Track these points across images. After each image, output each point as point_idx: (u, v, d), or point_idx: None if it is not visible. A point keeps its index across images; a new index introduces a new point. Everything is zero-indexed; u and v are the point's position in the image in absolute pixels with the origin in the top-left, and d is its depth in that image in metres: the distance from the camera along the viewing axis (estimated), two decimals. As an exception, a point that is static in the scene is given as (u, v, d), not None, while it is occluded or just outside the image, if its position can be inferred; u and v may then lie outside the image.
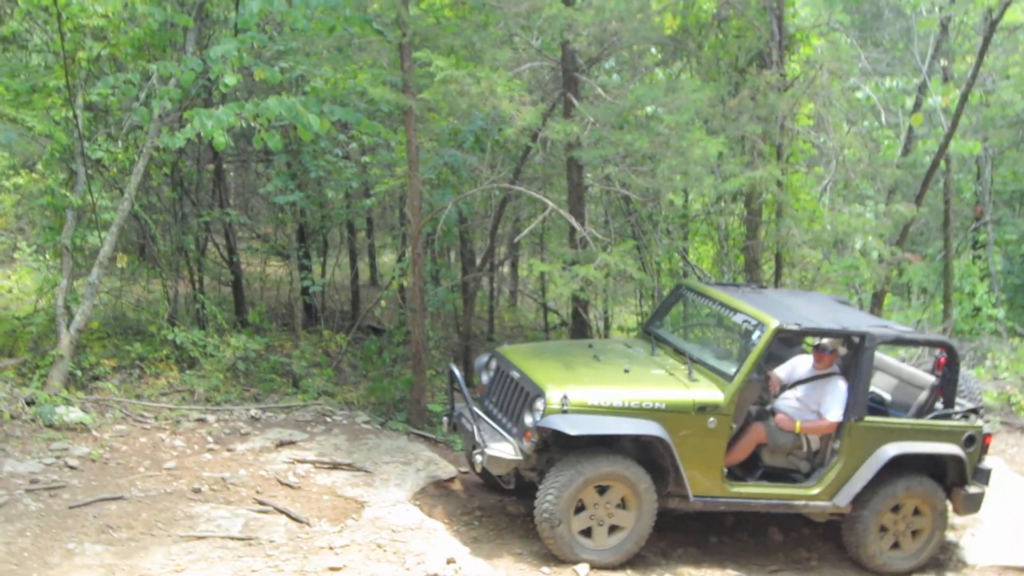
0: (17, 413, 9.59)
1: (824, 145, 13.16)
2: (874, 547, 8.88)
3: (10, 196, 16.16)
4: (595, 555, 8.06)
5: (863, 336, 8.71)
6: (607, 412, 8.03)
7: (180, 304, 12.98)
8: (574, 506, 7.92)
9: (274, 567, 6.95)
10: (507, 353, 9.12)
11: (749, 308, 8.86)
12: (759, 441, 8.82)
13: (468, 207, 13.58)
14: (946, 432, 8.95)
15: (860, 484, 8.67)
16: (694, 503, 8.38)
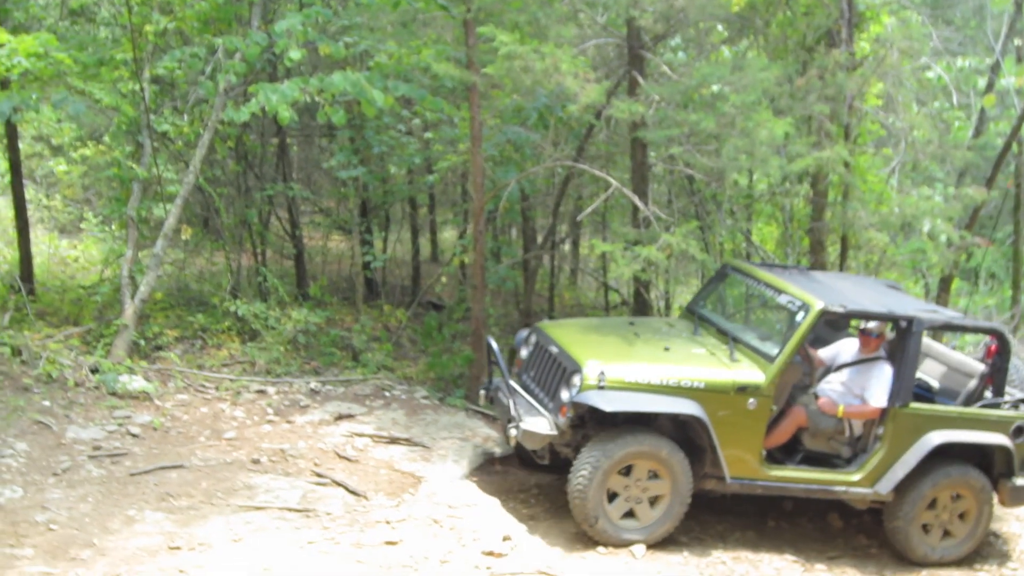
0: (81, 380, 9.72)
1: (893, 126, 12.92)
2: (916, 537, 8.66)
3: (77, 167, 16.38)
4: (623, 532, 7.93)
5: (910, 320, 8.47)
6: (645, 389, 7.91)
7: (242, 276, 13.09)
8: (607, 486, 7.82)
9: (331, 539, 6.98)
10: (546, 328, 9.04)
11: (794, 289, 8.66)
12: (800, 424, 8.64)
13: (530, 184, 13.53)
14: (994, 421, 8.67)
15: (903, 472, 8.45)
16: (731, 485, 8.24)
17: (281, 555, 6.66)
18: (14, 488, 7.58)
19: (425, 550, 6.79)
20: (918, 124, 12.75)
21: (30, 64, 10.52)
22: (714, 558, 8.19)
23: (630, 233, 10.56)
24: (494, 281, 12.93)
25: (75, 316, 12.03)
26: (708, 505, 8.90)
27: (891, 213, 12.08)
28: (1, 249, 15.29)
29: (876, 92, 12.97)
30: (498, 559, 6.67)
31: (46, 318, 11.83)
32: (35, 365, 9.74)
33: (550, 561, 6.77)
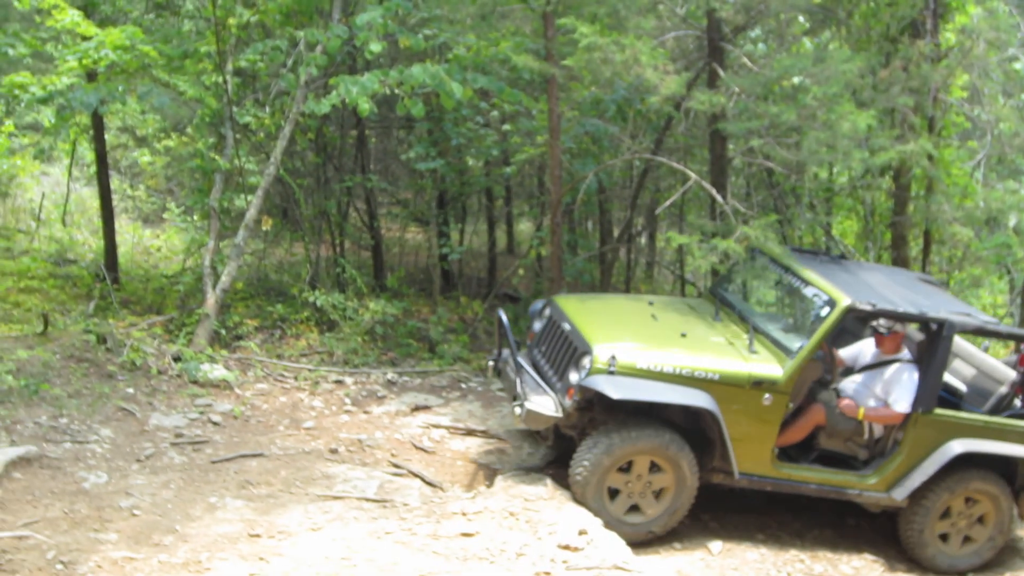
0: (164, 368, 9.88)
1: (978, 118, 12.68)
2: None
3: (161, 158, 16.65)
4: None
5: (941, 324, 8.11)
6: (656, 377, 7.68)
7: (321, 267, 13.20)
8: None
9: (407, 530, 7.02)
10: (562, 302, 8.84)
11: (822, 283, 8.35)
12: (818, 423, 8.40)
13: (608, 177, 13.48)
14: (1021, 433, 8.38)
15: (920, 479, 8.19)
16: (739, 480, 8.03)
17: (359, 544, 6.71)
18: (99, 474, 7.73)
19: (501, 542, 6.80)
20: (1004, 116, 12.49)
21: (116, 57, 10.74)
22: (791, 556, 8.12)
23: (707, 226, 10.46)
24: (571, 273, 12.90)
25: (158, 305, 12.24)
26: (785, 503, 8.83)
27: (976, 207, 11.86)
28: (87, 238, 15.60)
29: (961, 84, 12.72)
30: (574, 553, 6.65)
31: (130, 307, 12.06)
32: (119, 353, 9.92)
33: (626, 556, 6.74)
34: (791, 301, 9.10)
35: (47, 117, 12.88)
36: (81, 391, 9.11)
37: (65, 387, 9.10)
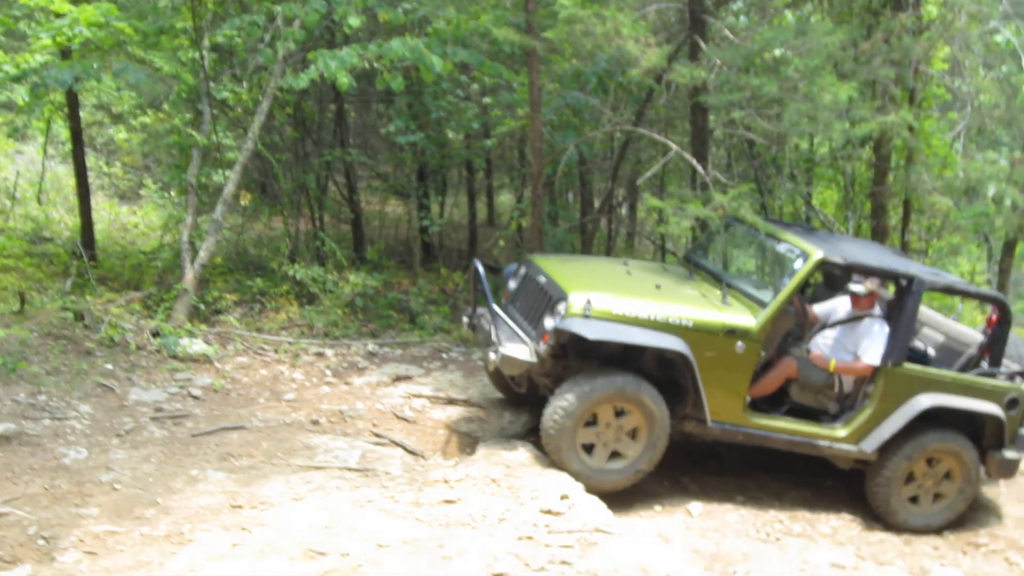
0: (143, 344, 9.84)
1: (959, 90, 12.69)
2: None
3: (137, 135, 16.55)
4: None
5: (911, 279, 8.26)
6: (631, 323, 7.68)
7: (300, 241, 13.17)
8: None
9: (390, 498, 7.01)
10: (537, 260, 8.84)
11: (794, 239, 8.49)
12: (789, 376, 8.45)
13: (589, 149, 13.47)
14: (988, 390, 8.48)
15: (889, 431, 8.28)
16: (711, 429, 8.07)
17: (341, 514, 6.70)
18: (79, 449, 7.70)
19: (483, 509, 6.80)
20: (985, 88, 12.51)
21: (91, 34, 10.65)
22: (770, 516, 8.19)
23: (687, 195, 10.46)
24: (551, 244, 12.91)
25: (136, 281, 12.19)
26: (764, 464, 8.87)
27: (955, 177, 11.87)
28: (63, 216, 15.50)
29: (942, 56, 12.76)
30: (556, 517, 6.66)
31: (107, 283, 12.00)
32: (97, 329, 9.88)
33: (607, 519, 6.75)
34: (765, 260, 9.21)
35: (21, 95, 12.76)
36: (59, 368, 9.07)
37: (43, 364, 9.06)
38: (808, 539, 7.92)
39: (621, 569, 5.99)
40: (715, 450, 9.09)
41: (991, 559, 8.36)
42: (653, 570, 6.05)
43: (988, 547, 8.53)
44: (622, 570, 5.98)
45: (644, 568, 6.04)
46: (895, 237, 13.35)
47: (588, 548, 6.24)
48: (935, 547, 8.37)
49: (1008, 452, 8.66)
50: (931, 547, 8.34)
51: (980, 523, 8.87)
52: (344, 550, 6.12)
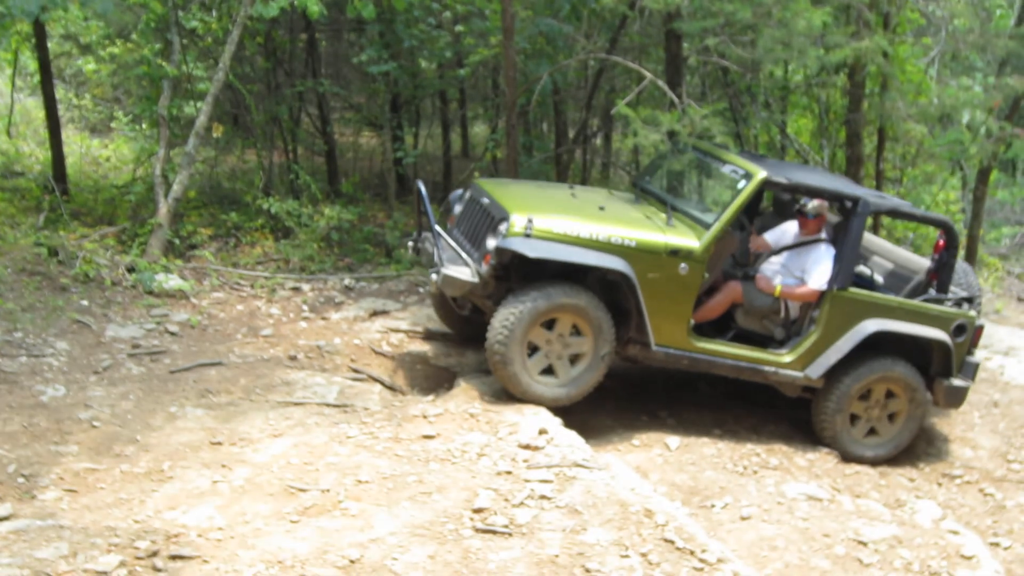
0: (118, 280, 9.80)
1: (933, 15, 12.63)
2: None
3: (106, 66, 16.30)
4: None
5: (856, 201, 8.30)
6: (573, 243, 7.67)
7: (274, 174, 13.07)
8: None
9: (369, 434, 7.05)
10: (482, 183, 8.81)
11: (740, 160, 8.51)
12: (734, 300, 8.53)
13: (563, 78, 13.38)
14: (935, 316, 8.53)
15: (835, 357, 8.33)
16: (655, 353, 8.08)
17: (320, 449, 6.74)
18: (56, 387, 7.69)
19: (462, 444, 6.86)
20: (959, 12, 12.45)
21: (56, -39, 10.43)
22: (747, 450, 8.26)
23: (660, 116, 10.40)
24: (527, 175, 12.84)
25: (109, 216, 12.10)
26: (742, 398, 8.95)
27: (930, 104, 11.87)
28: (33, 150, 15.33)
29: (917, -20, 12.67)
30: (535, 452, 6.72)
31: (80, 218, 11.91)
32: (72, 265, 9.82)
33: (586, 454, 6.82)
34: (710, 182, 9.17)
35: (-14, 27, 12.58)
36: (34, 305, 9.02)
37: (18, 301, 9.01)
38: (785, 472, 8.01)
39: (600, 504, 6.07)
40: (694, 384, 9.16)
41: (966, 491, 8.51)
42: (631, 504, 6.13)
43: (963, 479, 8.68)
44: (601, 505, 6.06)
45: (622, 502, 6.12)
46: (869, 166, 13.36)
47: (567, 483, 6.30)
48: (911, 479, 8.49)
49: (956, 380, 8.71)
50: (907, 479, 8.47)
51: (955, 455, 9.00)
52: (323, 486, 6.18)
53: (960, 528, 7.51)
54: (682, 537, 5.87)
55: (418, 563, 5.31)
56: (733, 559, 5.86)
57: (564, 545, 5.59)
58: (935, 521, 7.55)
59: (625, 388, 9.20)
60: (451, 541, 5.57)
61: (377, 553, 5.37)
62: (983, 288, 9.66)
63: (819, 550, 6.72)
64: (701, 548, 5.80)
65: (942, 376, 8.71)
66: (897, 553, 6.89)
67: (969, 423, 9.50)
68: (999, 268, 15.24)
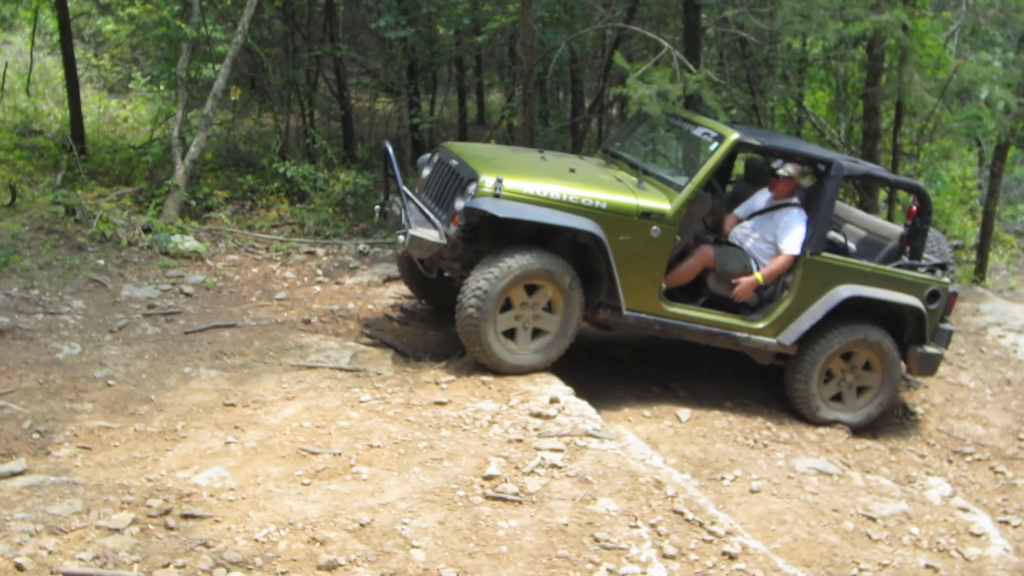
0: (134, 240, 9.85)
1: (953, -12, 12.56)
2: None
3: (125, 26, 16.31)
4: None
5: (829, 163, 8.20)
6: (542, 204, 7.52)
7: (291, 138, 13.09)
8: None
9: (381, 399, 7.08)
10: (451, 146, 8.66)
11: (711, 123, 8.39)
12: (706, 265, 8.35)
13: (580, 47, 13.33)
14: (908, 282, 8.38)
15: (808, 323, 8.20)
16: (627, 318, 7.94)
17: (332, 413, 6.77)
18: (72, 345, 7.74)
19: (473, 411, 6.88)
20: (979, -14, 12.36)
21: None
22: (758, 423, 8.26)
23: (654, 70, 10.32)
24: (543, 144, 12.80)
25: (126, 176, 12.14)
26: (755, 371, 8.95)
27: (948, 79, 11.80)
28: (52, 109, 15.36)
29: (938, -48, 12.58)
30: (546, 421, 6.73)
31: (98, 178, 11.96)
32: (89, 224, 9.87)
33: (596, 424, 6.83)
34: (682, 146, 8.94)
35: (7, -16, 12.62)
36: (52, 263, 9.08)
37: (35, 259, 9.07)
38: (795, 446, 8.01)
39: (610, 474, 6.08)
40: (706, 355, 9.15)
41: (977, 468, 8.50)
42: (641, 475, 6.15)
43: (974, 456, 8.66)
44: (611, 475, 6.08)
45: (633, 473, 6.14)
46: (886, 140, 13.30)
47: (577, 452, 6.32)
48: (921, 456, 8.49)
49: (929, 347, 8.58)
50: (917, 456, 8.46)
51: (967, 432, 8.98)
52: (335, 450, 6.21)
53: (970, 506, 7.52)
54: (691, 509, 5.89)
55: (428, 528, 5.34)
56: (742, 532, 5.88)
57: (573, 514, 5.61)
58: (945, 498, 7.56)
59: (637, 359, 9.21)
60: (461, 508, 5.60)
61: (387, 518, 5.40)
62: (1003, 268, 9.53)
63: (828, 525, 6.74)
64: (710, 520, 5.82)
65: (915, 344, 8.57)
66: (906, 529, 6.91)
67: (981, 401, 9.48)
68: (1015, 245, 15.20)
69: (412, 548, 5.14)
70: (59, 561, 4.75)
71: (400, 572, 4.93)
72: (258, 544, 5.04)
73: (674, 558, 5.42)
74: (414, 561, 5.03)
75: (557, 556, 5.21)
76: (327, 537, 5.15)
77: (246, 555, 4.92)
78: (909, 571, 6.46)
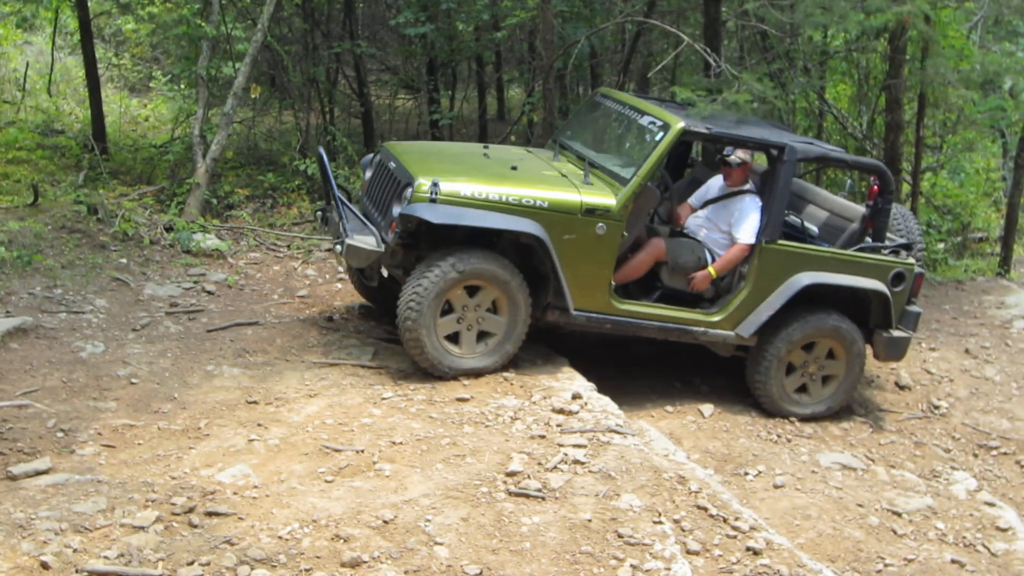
0: (156, 239, 9.88)
1: (977, -21, 12.46)
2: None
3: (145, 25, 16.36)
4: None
5: (782, 148, 7.88)
6: (481, 206, 7.28)
7: (311, 135, 13.09)
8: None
9: (403, 395, 7.08)
10: (391, 146, 8.40)
11: (658, 111, 8.05)
12: (658, 258, 8.07)
13: (600, 41, 13.31)
14: (871, 266, 8.10)
15: (767, 313, 7.93)
16: (576, 318, 7.69)
17: (355, 410, 6.78)
18: (96, 343, 7.78)
19: (496, 407, 6.87)
20: (1003, -24, 12.26)
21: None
22: (781, 418, 8.23)
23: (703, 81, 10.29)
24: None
25: (148, 175, 12.18)
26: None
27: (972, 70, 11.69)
28: (73, 108, 15.42)
29: (960, -59, 12.48)
30: (568, 417, 6.72)
31: (119, 177, 12.01)
32: (111, 223, 9.90)
33: (619, 420, 6.82)
34: (630, 136, 8.53)
35: (29, -15, 12.68)
36: (74, 262, 9.12)
37: (58, 258, 9.11)
38: (819, 441, 7.98)
39: (633, 470, 6.07)
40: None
41: (1002, 462, 8.43)
42: (665, 471, 6.13)
43: (1000, 451, 8.59)
44: (634, 470, 6.06)
45: (656, 469, 6.12)
46: (909, 132, 13.22)
47: (600, 448, 6.31)
48: (946, 450, 8.42)
49: (896, 331, 8.34)
50: (942, 450, 8.40)
51: (992, 426, 8.91)
52: (358, 447, 6.21)
53: (996, 500, 7.48)
54: (715, 505, 5.87)
55: (451, 525, 5.34)
56: (766, 527, 5.86)
57: (597, 510, 5.60)
58: (970, 493, 7.53)
59: (659, 355, 9.19)
60: (484, 504, 5.59)
61: (410, 514, 5.40)
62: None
63: (852, 520, 6.72)
64: (734, 516, 5.80)
65: (881, 328, 8.33)
66: (931, 524, 6.88)
67: (1007, 394, 9.41)
68: (1039, 237, 15.09)
69: (435, 545, 5.14)
70: (84, 559, 4.76)
71: (424, 569, 4.93)
72: (282, 541, 5.05)
73: (698, 554, 5.40)
74: (437, 558, 5.02)
75: (580, 552, 5.20)
76: (350, 534, 5.15)
77: (270, 552, 4.93)
78: (935, 566, 6.44)
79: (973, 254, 13.78)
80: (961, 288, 11.76)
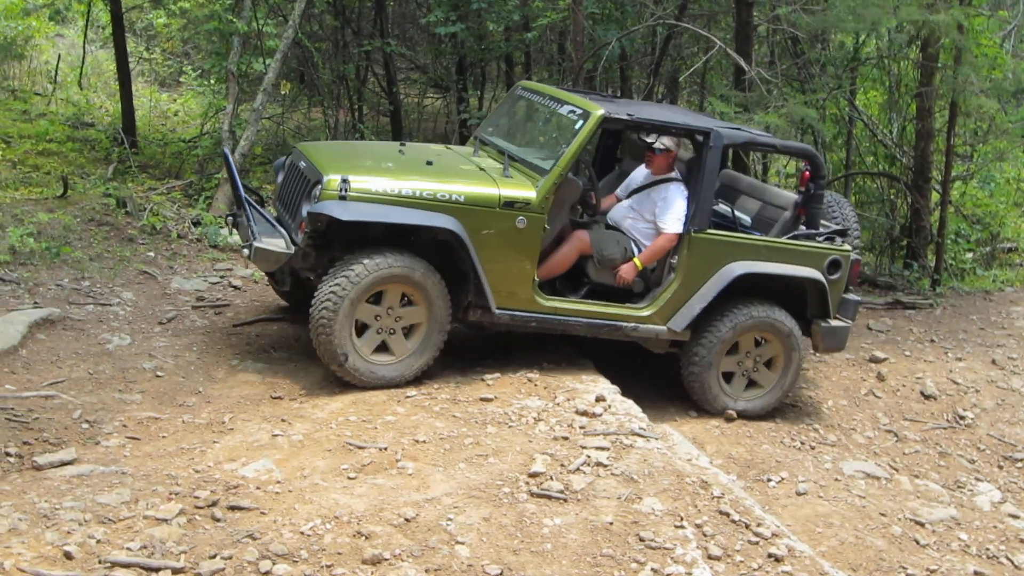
0: (184, 233, 9.93)
1: (1010, -12, 12.40)
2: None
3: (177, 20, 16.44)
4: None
5: (707, 133, 7.66)
6: (394, 202, 7.04)
7: (340, 132, 13.12)
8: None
9: (427, 394, 7.08)
10: (303, 146, 8.14)
11: (578, 100, 7.86)
12: (583, 251, 7.85)
13: (631, 43, 13.28)
14: (805, 253, 7.89)
15: (699, 306, 7.71)
16: (499, 317, 7.45)
17: (379, 408, 6.79)
18: (122, 336, 7.82)
19: (519, 408, 6.86)
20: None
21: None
22: (805, 425, 8.22)
23: (735, 95, 10.29)
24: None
25: (176, 169, 12.23)
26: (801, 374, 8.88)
27: (1004, 79, 11.64)
28: (104, 101, 15.50)
29: (994, -49, 12.42)
30: (591, 419, 6.71)
31: (148, 171, 12.05)
32: (139, 217, 9.96)
33: (643, 423, 6.80)
34: (550, 127, 8.38)
35: (62, -22, 12.76)
36: (102, 254, 9.17)
37: (86, 250, 9.16)
38: (843, 449, 7.95)
39: (656, 473, 6.05)
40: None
41: (1028, 475, 8.39)
42: (687, 475, 6.11)
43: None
44: (656, 474, 6.04)
45: (678, 473, 6.11)
46: (940, 140, 13.15)
47: (623, 451, 6.29)
48: (971, 460, 8.38)
49: (835, 321, 8.15)
50: (967, 460, 8.36)
51: (1018, 437, 8.84)
52: (381, 444, 6.21)
53: (1020, 512, 7.44)
54: (737, 510, 5.85)
55: (473, 525, 5.34)
56: (788, 534, 5.83)
57: (619, 513, 5.59)
58: (995, 504, 7.48)
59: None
60: (506, 504, 5.59)
61: (432, 513, 5.40)
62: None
63: (875, 529, 6.68)
64: (756, 522, 5.78)
65: (819, 318, 8.16)
66: (955, 535, 6.84)
67: (1032, 405, 9.37)
68: (1067, 249, 14.98)
69: (457, 544, 5.13)
70: (107, 550, 4.78)
71: (444, 568, 4.93)
72: (304, 537, 5.06)
73: (719, 559, 5.38)
74: (459, 557, 5.02)
75: (602, 555, 5.19)
76: (372, 531, 5.15)
77: (292, 548, 4.94)
78: (957, 577, 6.40)
79: (1002, 264, 13.70)
80: (989, 298, 11.70)
